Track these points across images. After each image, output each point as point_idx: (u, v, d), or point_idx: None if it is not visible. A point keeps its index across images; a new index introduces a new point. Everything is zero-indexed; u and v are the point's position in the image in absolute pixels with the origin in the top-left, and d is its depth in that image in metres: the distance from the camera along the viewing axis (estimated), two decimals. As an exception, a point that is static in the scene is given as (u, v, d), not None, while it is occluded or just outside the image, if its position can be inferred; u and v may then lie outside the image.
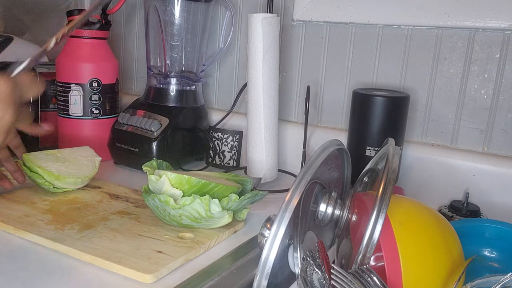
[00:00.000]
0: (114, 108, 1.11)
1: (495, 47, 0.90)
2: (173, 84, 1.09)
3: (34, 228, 0.69)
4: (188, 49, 1.11)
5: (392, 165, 0.56)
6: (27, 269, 0.61)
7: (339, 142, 0.63)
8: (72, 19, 1.05)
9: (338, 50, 1.05)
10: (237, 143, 1.11)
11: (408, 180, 0.97)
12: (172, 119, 1.03)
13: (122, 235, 0.70)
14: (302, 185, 0.53)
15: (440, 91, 0.96)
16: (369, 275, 0.49)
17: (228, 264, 0.67)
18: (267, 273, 0.50)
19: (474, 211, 0.82)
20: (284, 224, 0.51)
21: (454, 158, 0.94)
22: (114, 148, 1.06)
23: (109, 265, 0.62)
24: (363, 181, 0.71)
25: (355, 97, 0.93)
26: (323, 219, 0.63)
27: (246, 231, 0.77)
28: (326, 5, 1.03)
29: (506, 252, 0.67)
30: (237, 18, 1.15)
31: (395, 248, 0.53)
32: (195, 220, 0.71)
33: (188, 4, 1.07)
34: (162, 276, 0.61)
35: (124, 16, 1.34)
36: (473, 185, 0.91)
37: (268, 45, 0.92)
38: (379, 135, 0.89)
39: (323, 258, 0.52)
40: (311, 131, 1.08)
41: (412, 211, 0.59)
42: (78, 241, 0.67)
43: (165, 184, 0.72)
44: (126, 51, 1.36)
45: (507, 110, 0.91)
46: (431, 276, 0.53)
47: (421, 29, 0.96)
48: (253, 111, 0.96)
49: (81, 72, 1.04)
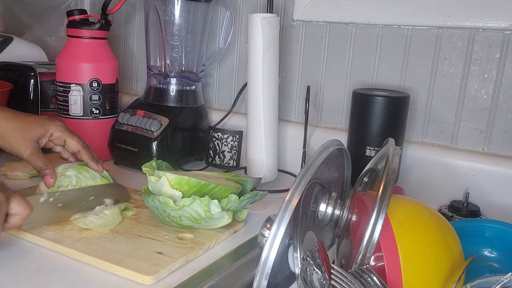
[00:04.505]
0: (114, 108, 1.11)
1: (495, 47, 0.90)
2: (173, 84, 1.09)
3: (34, 229, 0.69)
4: (188, 49, 1.11)
5: (392, 165, 0.56)
6: (27, 270, 0.61)
7: (339, 142, 0.63)
8: (73, 19, 1.05)
9: (338, 50, 1.05)
10: (237, 143, 1.11)
11: (408, 180, 0.97)
12: (172, 119, 1.03)
13: (122, 236, 0.70)
14: (302, 185, 0.53)
15: (440, 91, 0.96)
16: (369, 275, 0.49)
17: (228, 264, 0.66)
18: (267, 273, 0.50)
19: (474, 211, 0.82)
20: (284, 224, 0.51)
21: (454, 158, 0.94)
22: (114, 148, 1.06)
23: (109, 266, 0.62)
24: (363, 181, 0.71)
25: (355, 97, 0.93)
26: (323, 219, 0.62)
27: (246, 231, 0.77)
28: (326, 5, 1.03)
29: (506, 252, 0.67)
30: (237, 18, 1.15)
31: (395, 248, 0.53)
32: (194, 221, 0.71)
33: (188, 4, 1.07)
34: (162, 277, 0.61)
35: (124, 16, 1.33)
36: (473, 185, 0.91)
37: (268, 45, 0.92)
38: (379, 135, 0.89)
39: (323, 258, 0.52)
40: (311, 131, 1.08)
41: (412, 211, 0.59)
42: (78, 242, 0.67)
43: (165, 185, 0.72)
44: (126, 51, 1.36)
45: (507, 110, 0.91)
46: (431, 276, 0.53)
47: (421, 29, 0.96)
48: (253, 111, 0.96)
49: (81, 72, 1.04)
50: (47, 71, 1.15)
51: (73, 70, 1.04)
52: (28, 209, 0.62)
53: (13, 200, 0.60)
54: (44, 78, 1.14)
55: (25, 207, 0.61)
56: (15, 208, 0.60)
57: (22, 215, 0.61)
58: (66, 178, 0.77)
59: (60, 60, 1.06)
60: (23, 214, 0.61)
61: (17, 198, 0.61)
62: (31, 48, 1.34)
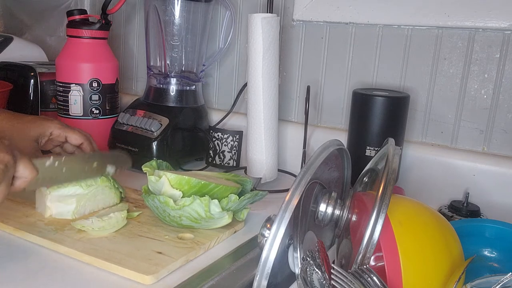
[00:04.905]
0: (114, 108, 1.11)
1: (495, 47, 0.90)
2: (173, 84, 1.09)
3: (34, 229, 0.69)
4: (188, 49, 1.11)
5: (392, 165, 0.56)
6: (27, 270, 0.61)
7: (339, 142, 0.63)
8: (73, 19, 1.05)
9: (338, 50, 1.05)
10: (237, 143, 1.11)
11: (408, 180, 0.97)
12: (172, 119, 1.03)
13: (122, 236, 0.70)
14: (302, 185, 0.53)
15: (440, 91, 0.96)
16: (369, 275, 0.49)
17: (228, 264, 0.66)
18: (267, 273, 0.50)
19: (474, 211, 0.82)
20: (284, 224, 0.51)
21: (454, 158, 0.94)
22: (114, 148, 1.05)
23: (109, 266, 0.62)
24: (363, 181, 0.71)
25: (355, 97, 0.93)
26: (323, 219, 0.62)
27: (246, 231, 0.77)
28: (326, 5, 1.03)
29: (506, 252, 0.67)
30: (237, 18, 1.15)
31: (395, 248, 0.53)
32: (195, 220, 0.71)
33: (188, 4, 1.07)
34: (162, 277, 0.61)
35: (124, 16, 1.33)
36: (473, 185, 0.91)
37: (268, 45, 0.92)
38: (379, 135, 0.89)
39: (323, 258, 0.52)
40: (311, 131, 1.08)
41: (412, 211, 0.59)
42: (78, 241, 0.67)
43: (165, 184, 0.72)
44: (126, 51, 1.36)
45: (507, 110, 0.91)
46: (431, 276, 0.53)
47: (421, 29, 0.96)
48: (253, 111, 0.96)
49: (81, 72, 1.04)
50: (47, 71, 1.15)
51: (73, 70, 1.04)
52: (34, 172, 0.62)
53: (20, 162, 0.61)
54: (44, 78, 1.14)
55: (31, 170, 0.62)
56: (21, 171, 0.61)
57: (28, 178, 0.62)
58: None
59: (60, 60, 1.06)
60: (29, 177, 0.62)
61: (24, 160, 0.61)
62: (31, 48, 1.34)
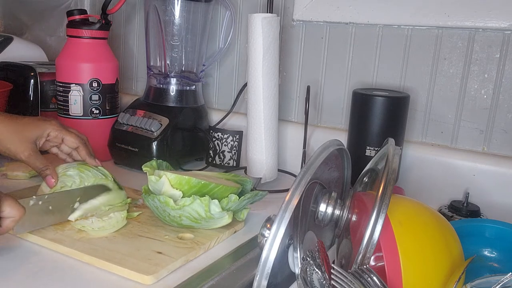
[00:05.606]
0: (114, 108, 1.11)
1: (495, 47, 0.90)
2: (173, 84, 1.09)
3: (31, 232, 0.69)
4: (188, 49, 1.11)
5: (392, 165, 0.56)
6: (27, 270, 0.61)
7: (339, 142, 0.63)
8: (73, 19, 1.05)
9: (338, 50, 1.05)
10: (237, 143, 1.11)
11: (408, 180, 0.97)
12: (172, 119, 1.03)
13: (122, 236, 0.70)
14: (302, 185, 0.53)
15: (440, 91, 0.96)
16: (369, 275, 0.49)
17: (228, 264, 0.67)
18: (267, 273, 0.50)
19: (474, 211, 0.82)
20: (284, 224, 0.51)
21: (454, 158, 0.94)
22: (114, 148, 1.06)
23: (109, 266, 0.62)
24: (363, 181, 0.71)
25: (355, 97, 0.93)
26: (323, 219, 0.62)
27: (246, 231, 0.77)
28: (326, 5, 1.03)
29: (506, 252, 0.67)
30: (237, 18, 1.15)
31: (395, 248, 0.53)
32: (195, 220, 0.71)
33: (188, 4, 1.07)
34: (162, 277, 0.61)
35: (124, 16, 1.33)
36: (473, 185, 0.91)
37: (268, 45, 0.92)
38: (379, 135, 0.89)
39: (323, 258, 0.52)
40: (311, 131, 1.08)
41: (412, 211, 0.59)
42: (78, 241, 0.67)
43: (165, 184, 0.72)
44: (126, 51, 1.36)
45: (507, 110, 0.91)
46: (431, 276, 0.53)
47: (421, 29, 0.96)
48: (253, 111, 0.96)
49: (81, 72, 1.04)
50: (47, 71, 1.15)
51: (73, 70, 1.04)
52: (20, 211, 0.61)
53: (5, 202, 0.60)
54: (44, 78, 1.14)
55: (18, 209, 0.61)
56: (7, 211, 0.60)
57: (15, 217, 0.61)
58: (69, 178, 0.77)
59: (60, 60, 1.06)
60: (16, 216, 0.61)
61: (8, 200, 0.60)
62: (31, 48, 1.34)
